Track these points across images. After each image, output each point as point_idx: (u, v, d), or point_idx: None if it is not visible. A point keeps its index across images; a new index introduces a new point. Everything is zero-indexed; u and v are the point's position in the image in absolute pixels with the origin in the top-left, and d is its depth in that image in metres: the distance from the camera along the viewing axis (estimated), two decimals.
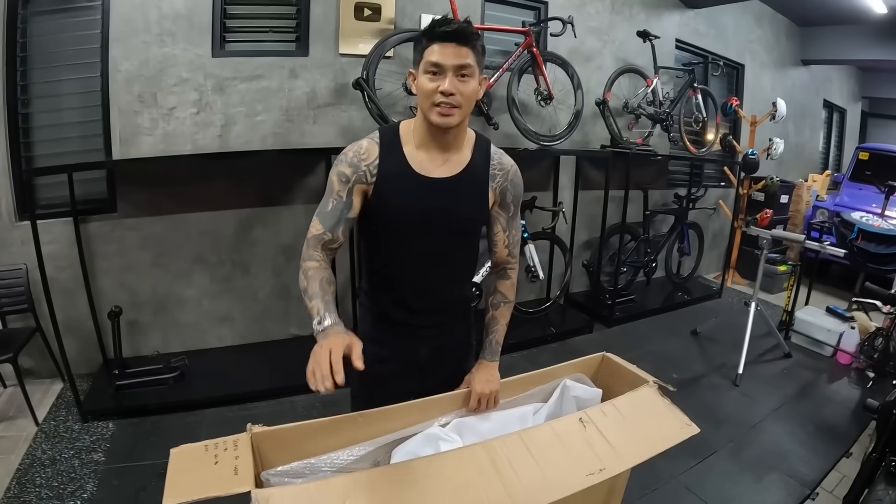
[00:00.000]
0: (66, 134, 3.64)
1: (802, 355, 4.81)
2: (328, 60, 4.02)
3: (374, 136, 1.66)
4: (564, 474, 1.33)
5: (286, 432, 1.49)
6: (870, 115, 12.00)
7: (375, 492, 1.19)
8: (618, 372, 1.89)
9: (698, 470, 3.12)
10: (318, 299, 1.48)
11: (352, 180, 1.60)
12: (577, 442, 1.43)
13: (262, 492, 1.15)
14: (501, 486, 1.25)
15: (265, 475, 1.41)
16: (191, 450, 1.33)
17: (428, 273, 1.72)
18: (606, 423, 1.50)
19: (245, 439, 1.38)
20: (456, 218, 1.69)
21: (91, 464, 2.92)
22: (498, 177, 1.73)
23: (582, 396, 1.81)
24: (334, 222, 1.62)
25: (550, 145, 4.72)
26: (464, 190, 1.68)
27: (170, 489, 1.20)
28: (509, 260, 1.87)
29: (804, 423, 3.70)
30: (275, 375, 3.77)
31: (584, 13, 5.16)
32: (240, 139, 3.88)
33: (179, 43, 3.60)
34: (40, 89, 3.52)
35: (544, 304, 5.20)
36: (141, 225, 3.75)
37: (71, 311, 3.57)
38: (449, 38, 1.49)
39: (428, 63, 1.50)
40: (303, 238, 4.01)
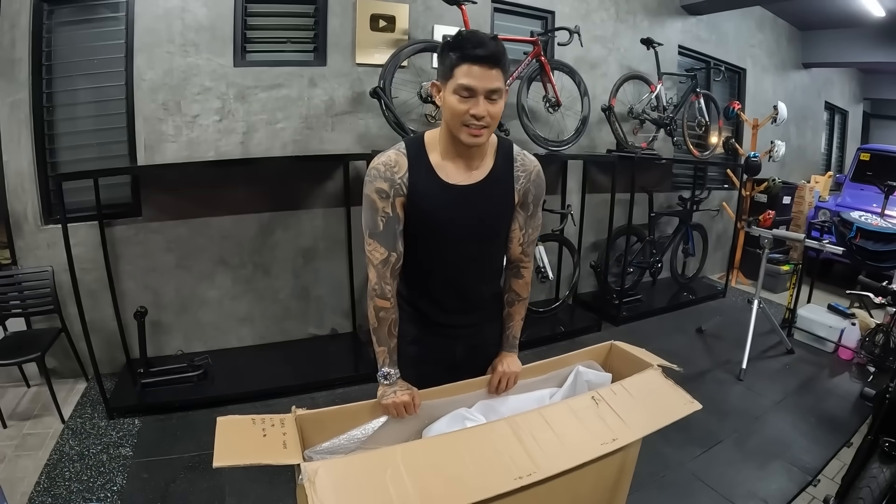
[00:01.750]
0: (91, 140, 3.74)
1: (805, 351, 4.87)
2: (345, 70, 4.13)
3: (400, 148, 1.68)
4: (581, 444, 1.45)
5: (327, 415, 1.62)
6: (872, 117, 12.00)
7: (414, 461, 1.29)
8: (625, 358, 2.02)
9: (705, 458, 3.22)
10: (386, 347, 1.72)
11: (391, 195, 1.62)
12: (591, 417, 1.55)
13: (311, 465, 1.22)
14: (525, 453, 1.37)
15: (308, 453, 1.52)
16: (238, 421, 1.45)
17: (461, 275, 1.79)
18: (616, 400, 1.62)
19: (290, 420, 1.50)
20: (484, 222, 1.75)
21: (119, 458, 2.99)
22: (521, 178, 1.77)
23: (593, 381, 1.93)
24: (393, 240, 1.67)
25: (559, 150, 4.83)
26: (490, 195, 1.72)
27: (219, 453, 1.31)
28: (522, 258, 1.90)
29: (806, 415, 3.77)
30: (295, 373, 3.89)
31: (590, 22, 5.27)
32: (261, 146, 3.98)
33: (202, 53, 3.71)
34: (66, 97, 3.63)
35: (554, 303, 5.31)
36: (165, 228, 3.84)
37: (95, 313, 3.62)
38: (481, 61, 1.50)
39: (459, 86, 1.51)
40: (321, 241, 4.13)
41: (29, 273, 3.54)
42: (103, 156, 3.74)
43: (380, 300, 1.69)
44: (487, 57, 1.50)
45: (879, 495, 2.21)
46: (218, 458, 1.29)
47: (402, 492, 1.20)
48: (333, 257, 4.34)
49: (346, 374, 3.87)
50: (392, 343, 1.73)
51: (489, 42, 1.51)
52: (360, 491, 1.20)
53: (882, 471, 2.25)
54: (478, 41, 1.50)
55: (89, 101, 3.69)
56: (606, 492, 1.77)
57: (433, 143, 1.70)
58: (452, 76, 1.53)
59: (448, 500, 1.22)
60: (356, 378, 3.83)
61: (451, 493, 1.24)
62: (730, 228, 7.10)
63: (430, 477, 1.27)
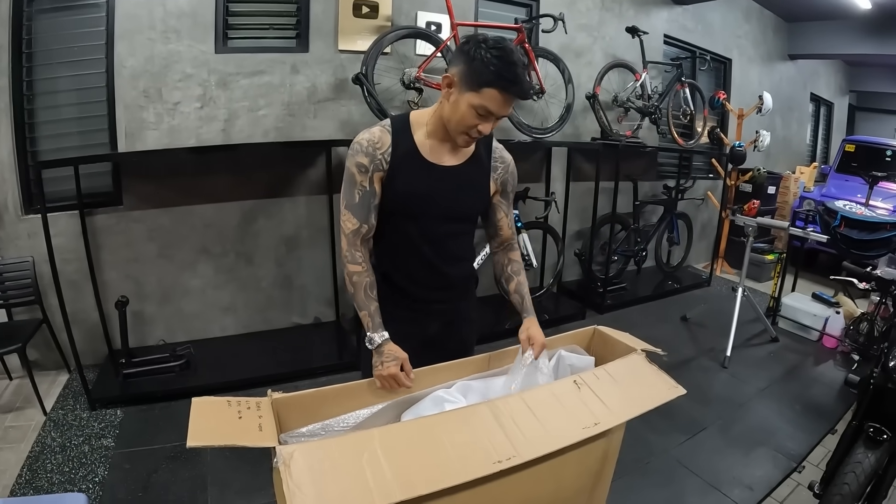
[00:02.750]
0: (72, 129, 3.68)
1: (789, 339, 4.93)
2: (328, 56, 4.09)
3: (385, 125, 1.72)
4: (563, 428, 1.44)
5: (304, 398, 1.60)
6: (857, 109, 12.07)
7: (391, 445, 1.28)
8: (609, 342, 2.02)
9: (689, 445, 3.24)
10: (367, 311, 1.73)
11: (370, 169, 1.67)
12: (572, 401, 1.54)
13: (286, 448, 1.21)
14: (506, 438, 1.36)
15: (284, 437, 1.51)
16: (213, 402, 1.43)
17: (438, 252, 1.83)
18: (599, 385, 1.62)
19: (267, 403, 1.48)
20: (461, 202, 1.82)
21: (101, 449, 2.97)
22: (500, 168, 1.89)
23: (576, 364, 1.93)
24: (366, 212, 1.72)
25: (542, 137, 4.83)
26: (469, 178, 1.81)
27: (194, 432, 1.29)
28: (511, 237, 2.02)
29: (791, 403, 3.81)
30: (278, 362, 3.87)
31: (575, 10, 5.25)
32: (242, 133, 3.94)
33: (184, 40, 3.66)
34: (46, 85, 3.57)
35: (538, 291, 5.30)
36: (146, 217, 3.80)
37: (77, 303, 3.58)
38: (516, 94, 1.58)
39: (482, 106, 1.56)
40: (304, 229, 4.10)
41: (9, 264, 3.50)
42: (84, 144, 3.68)
43: (351, 265, 1.75)
44: (522, 94, 1.60)
45: (865, 480, 2.22)
46: (192, 438, 1.28)
47: (379, 475, 1.19)
48: (316, 245, 4.31)
49: (329, 363, 3.85)
50: (372, 305, 1.76)
51: (526, 77, 1.58)
52: (336, 475, 1.19)
53: (867, 456, 2.26)
54: (518, 76, 1.54)
55: (70, 88, 3.64)
56: (590, 478, 1.77)
57: (419, 123, 1.75)
58: (479, 93, 1.56)
59: (426, 484, 1.21)
60: (340, 366, 3.81)
61: (429, 476, 1.22)
62: (714, 217, 7.15)
63: (408, 461, 1.25)
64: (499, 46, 1.53)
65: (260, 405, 1.46)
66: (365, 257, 1.76)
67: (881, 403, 2.39)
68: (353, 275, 1.74)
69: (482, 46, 1.53)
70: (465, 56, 1.57)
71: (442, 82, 1.64)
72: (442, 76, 1.65)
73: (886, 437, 2.30)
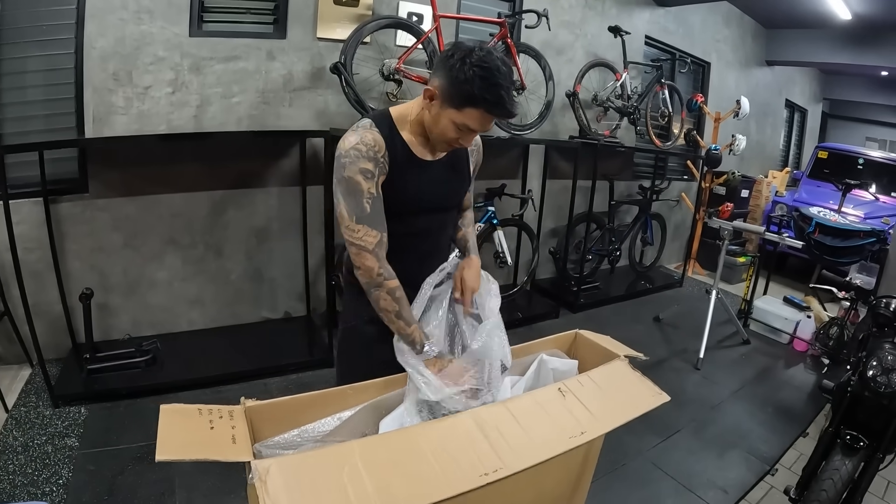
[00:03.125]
0: (36, 112, 3.54)
1: (760, 342, 5.00)
2: (306, 44, 4.00)
3: (369, 126, 1.63)
4: (549, 437, 1.40)
5: (278, 406, 1.53)
6: (830, 116, 12.30)
7: (373, 458, 1.22)
8: (591, 347, 1.98)
9: (663, 447, 3.25)
10: (416, 325, 1.68)
11: (376, 174, 1.60)
12: (557, 409, 1.50)
13: (262, 462, 1.15)
14: (491, 449, 1.31)
15: (258, 447, 1.43)
16: (183, 411, 1.35)
17: (433, 245, 1.87)
18: (584, 392, 1.58)
19: (240, 412, 1.41)
20: (448, 194, 1.86)
21: (65, 449, 2.87)
22: (475, 152, 1.95)
23: (559, 368, 1.88)
24: (381, 220, 1.64)
25: (521, 134, 4.80)
26: (454, 168, 1.84)
27: (163, 445, 1.21)
28: (470, 204, 2.10)
29: (763, 405, 3.86)
30: (248, 358, 3.78)
31: (558, 7, 5.22)
32: (215, 120, 3.83)
33: (157, 21, 3.54)
34: (11, 66, 3.41)
35: (511, 289, 5.29)
36: (112, 206, 3.68)
37: (40, 295, 3.47)
38: (499, 116, 1.55)
39: (464, 125, 1.54)
40: (276, 221, 4.04)
41: None
42: (49, 128, 3.54)
43: (390, 282, 1.65)
44: (505, 117, 1.57)
45: (842, 487, 2.26)
46: (161, 451, 1.19)
47: (360, 491, 1.12)
48: (288, 238, 4.22)
49: (300, 360, 3.79)
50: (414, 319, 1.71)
51: (510, 97, 1.52)
52: (315, 491, 1.12)
53: (844, 463, 2.30)
54: (501, 98, 1.50)
55: (36, 69, 3.48)
56: (570, 484, 1.75)
57: (402, 121, 1.70)
58: (461, 111, 1.53)
59: (411, 500, 1.15)
60: (311, 363, 3.76)
61: (413, 491, 1.17)
62: (688, 219, 7.24)
63: (391, 475, 1.20)
64: (483, 65, 1.47)
65: (233, 414, 1.38)
66: (394, 273, 1.68)
67: (857, 411, 2.44)
68: (395, 290, 1.65)
69: (466, 62, 1.47)
70: (448, 71, 1.50)
71: (424, 94, 1.59)
72: (424, 88, 1.59)
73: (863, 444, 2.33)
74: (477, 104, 1.49)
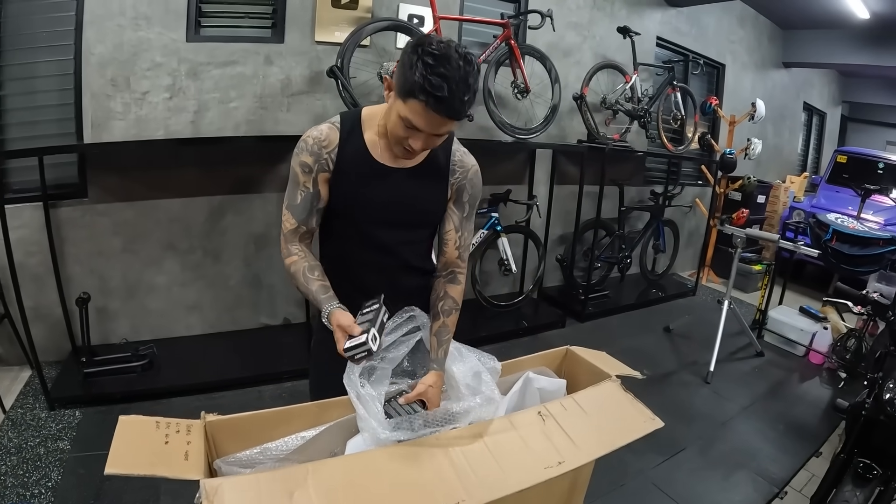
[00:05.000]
0: (36, 117, 3.55)
1: (775, 354, 4.85)
2: (304, 48, 3.97)
3: (335, 121, 1.60)
4: (522, 468, 1.31)
5: (241, 421, 1.47)
6: (849, 120, 12.08)
7: (327, 482, 1.17)
8: (582, 365, 1.87)
9: (667, 466, 3.12)
10: (312, 295, 1.56)
11: (314, 170, 1.56)
12: (535, 435, 1.41)
13: (211, 482, 1.12)
14: (456, 478, 1.24)
15: (218, 463, 1.38)
16: (140, 423, 1.31)
17: (384, 262, 1.70)
18: (566, 416, 1.49)
19: (198, 427, 1.36)
20: (413, 209, 1.67)
21: (56, 452, 2.87)
22: (458, 172, 1.69)
23: (546, 388, 1.78)
24: (306, 214, 1.61)
25: (526, 138, 4.71)
26: (423, 181, 1.65)
27: (114, 457, 1.18)
28: (459, 263, 1.78)
29: (774, 422, 3.72)
30: (243, 365, 3.75)
31: (565, 8, 5.14)
32: (213, 125, 3.82)
33: (154, 27, 3.53)
34: (11, 72, 3.44)
35: (517, 297, 5.20)
36: (112, 210, 3.69)
37: (40, 298, 3.51)
38: (440, 112, 1.34)
39: (408, 120, 1.38)
40: (275, 227, 4.03)
41: None
42: (50, 133, 3.55)
43: (287, 259, 1.63)
44: (450, 114, 1.36)
45: None
46: (111, 464, 1.16)
47: None
48: None
49: (296, 367, 3.71)
50: (314, 285, 1.57)
51: (461, 94, 1.33)
52: None
53: (855, 494, 2.14)
54: (449, 92, 1.31)
55: (36, 75, 3.50)
56: None
57: (371, 120, 1.61)
58: (405, 103, 1.37)
59: None
60: (306, 372, 3.63)
61: None
62: (702, 225, 7.11)
63: (343, 501, 1.14)
64: (433, 52, 1.31)
65: (191, 428, 1.34)
66: (301, 248, 1.63)
67: (871, 435, 2.28)
68: (290, 266, 1.61)
69: (418, 50, 1.33)
70: (403, 57, 1.38)
71: (384, 84, 1.51)
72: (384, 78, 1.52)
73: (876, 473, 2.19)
74: (417, 95, 1.32)
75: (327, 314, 1.50)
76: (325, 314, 1.50)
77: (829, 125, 11.15)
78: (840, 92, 11.06)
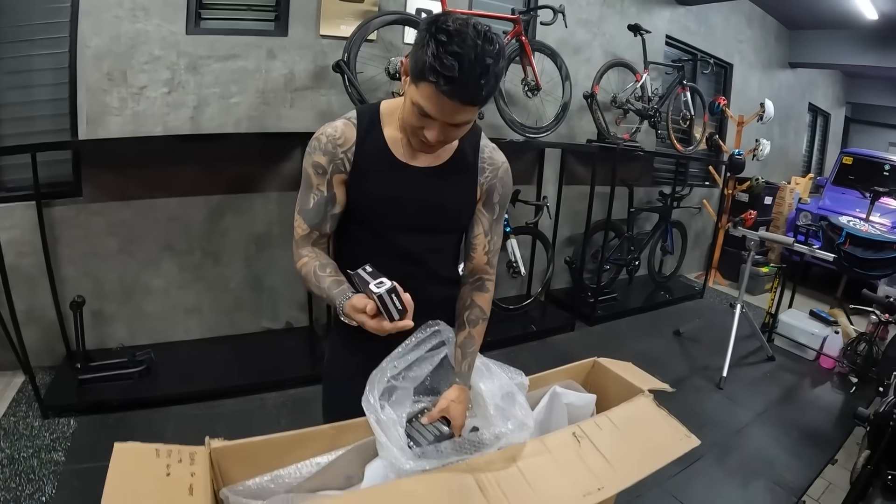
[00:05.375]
0: (29, 113, 3.44)
1: (785, 358, 4.81)
2: (308, 41, 3.85)
3: (350, 117, 1.46)
4: (560, 495, 1.20)
5: (250, 447, 1.34)
6: (852, 121, 12.10)
7: None
8: (610, 377, 1.79)
9: (684, 476, 3.03)
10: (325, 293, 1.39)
11: (329, 171, 1.42)
12: (571, 459, 1.31)
13: None
14: None
15: (224, 492, 1.27)
16: (139, 451, 1.20)
17: (407, 272, 1.42)
18: (601, 436, 1.39)
19: (203, 454, 1.23)
20: (439, 212, 1.53)
21: (50, 464, 2.77)
22: (487, 171, 1.56)
23: (574, 403, 1.69)
24: (319, 220, 1.48)
25: (536, 137, 4.61)
26: (450, 180, 1.51)
27: (110, 493, 1.07)
28: (487, 269, 1.66)
29: (789, 429, 3.67)
30: (245, 371, 3.64)
31: (575, 4, 5.03)
32: (213, 122, 3.70)
33: (153, 18, 3.41)
34: (3, 65, 3.32)
35: (525, 300, 5.10)
36: (107, 210, 3.57)
37: (33, 300, 3.40)
38: (453, 97, 1.19)
39: (419, 106, 1.24)
40: (277, 227, 3.91)
41: None
42: (42, 129, 3.45)
43: (298, 262, 1.51)
44: (463, 99, 1.20)
45: None
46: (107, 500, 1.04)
47: None
48: (289, 245, 3.95)
49: (300, 374, 3.62)
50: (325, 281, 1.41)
51: (469, 75, 1.16)
52: None
53: None
54: (463, 73, 1.15)
55: (29, 69, 3.39)
56: None
57: (391, 115, 1.46)
58: (417, 87, 1.23)
59: None
60: (311, 378, 3.57)
61: None
62: (708, 227, 7.07)
63: None
64: (450, 30, 1.15)
65: (194, 457, 1.21)
66: (312, 249, 1.51)
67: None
68: (301, 269, 1.49)
69: (433, 27, 1.17)
70: (417, 36, 1.23)
71: (401, 70, 1.37)
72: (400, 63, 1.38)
73: None
74: (427, 76, 1.17)
75: (342, 308, 1.31)
76: (340, 309, 1.31)
77: (833, 126, 11.17)
78: (844, 93, 11.09)
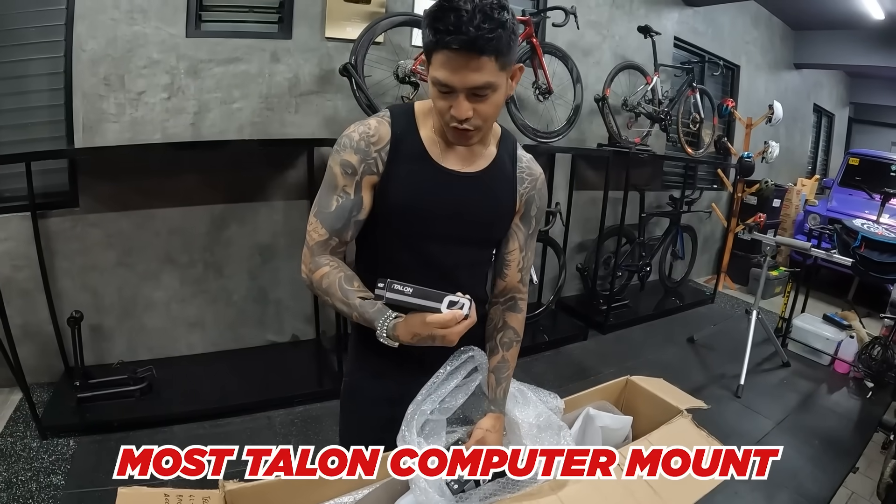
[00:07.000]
0: (23, 120, 3.34)
1: (800, 364, 4.75)
2: (313, 44, 3.76)
3: (384, 115, 1.34)
4: None
5: (267, 489, 1.21)
6: (855, 121, 12.12)
7: None
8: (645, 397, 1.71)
9: None
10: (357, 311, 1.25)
11: (360, 171, 1.29)
12: (615, 489, 1.23)
13: None
14: None
15: None
16: (146, 496, 1.08)
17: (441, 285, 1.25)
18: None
19: (217, 498, 1.11)
20: (476, 222, 1.40)
21: (49, 488, 2.66)
22: (526, 181, 1.46)
23: (610, 426, 1.59)
24: (341, 225, 1.33)
25: (549, 141, 4.53)
26: (492, 189, 1.39)
27: None
28: (520, 287, 1.55)
29: (809, 437, 3.62)
30: (250, 387, 3.53)
31: (585, 6, 4.94)
32: (214, 128, 3.61)
33: (151, 21, 3.31)
34: None
35: (537, 309, 5.00)
36: (105, 221, 3.47)
37: (29, 315, 3.30)
38: (459, 48, 1.11)
39: (436, 80, 1.17)
40: (281, 237, 3.79)
41: None
42: (37, 137, 3.35)
43: (317, 272, 1.34)
44: (467, 44, 1.10)
45: None
46: None
47: None
48: (295, 256, 3.90)
49: (307, 390, 3.53)
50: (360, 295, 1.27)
51: (470, 21, 1.08)
52: None
53: None
54: (457, 20, 1.08)
55: (23, 74, 3.29)
56: None
57: (425, 116, 1.36)
58: (431, 62, 1.17)
59: None
60: (320, 394, 3.49)
61: None
62: (717, 231, 7.05)
63: None
64: None
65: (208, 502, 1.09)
66: (332, 259, 1.35)
67: None
68: (321, 279, 1.32)
69: (427, 9, 1.15)
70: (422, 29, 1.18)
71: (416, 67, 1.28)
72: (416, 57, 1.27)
73: None
74: (434, 40, 1.12)
75: (389, 329, 1.20)
76: (386, 330, 1.20)
77: (837, 127, 11.18)
78: (848, 93, 11.10)
